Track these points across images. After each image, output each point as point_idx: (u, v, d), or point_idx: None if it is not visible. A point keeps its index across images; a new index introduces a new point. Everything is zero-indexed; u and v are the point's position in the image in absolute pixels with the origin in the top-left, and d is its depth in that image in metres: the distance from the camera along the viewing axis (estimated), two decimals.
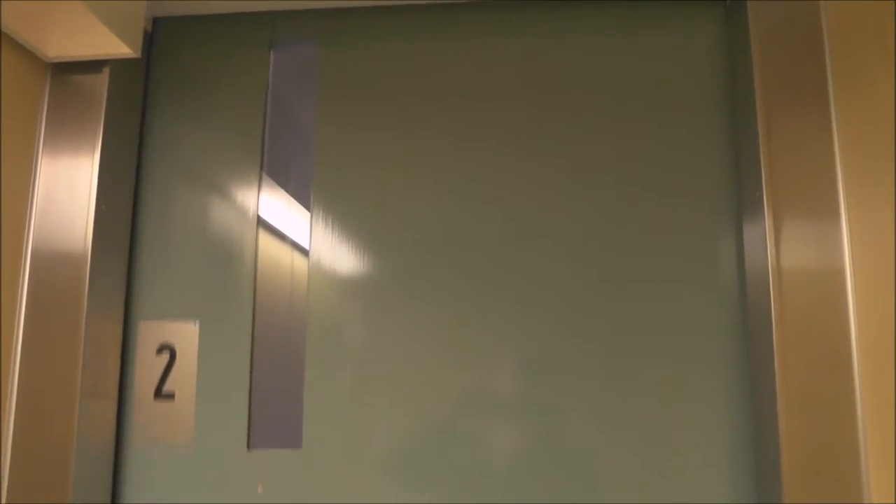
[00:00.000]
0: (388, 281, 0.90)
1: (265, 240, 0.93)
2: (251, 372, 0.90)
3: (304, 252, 0.93)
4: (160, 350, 0.92)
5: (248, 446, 0.88)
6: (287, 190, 0.95)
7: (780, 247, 0.76)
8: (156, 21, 0.98)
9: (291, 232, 0.94)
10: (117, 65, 0.89)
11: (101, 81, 0.87)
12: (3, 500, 0.79)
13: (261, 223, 0.93)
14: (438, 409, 0.86)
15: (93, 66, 0.88)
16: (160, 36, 0.98)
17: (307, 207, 0.94)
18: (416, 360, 0.88)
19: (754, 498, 0.80)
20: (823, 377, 0.72)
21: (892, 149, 0.72)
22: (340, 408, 0.87)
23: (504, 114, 0.92)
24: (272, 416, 0.90)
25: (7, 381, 0.81)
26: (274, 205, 0.95)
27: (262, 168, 0.95)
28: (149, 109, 0.97)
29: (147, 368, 0.92)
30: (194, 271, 0.93)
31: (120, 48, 0.84)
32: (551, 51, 0.93)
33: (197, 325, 0.92)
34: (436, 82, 0.94)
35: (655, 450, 0.83)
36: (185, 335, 0.92)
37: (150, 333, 0.92)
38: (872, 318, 0.70)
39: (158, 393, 0.91)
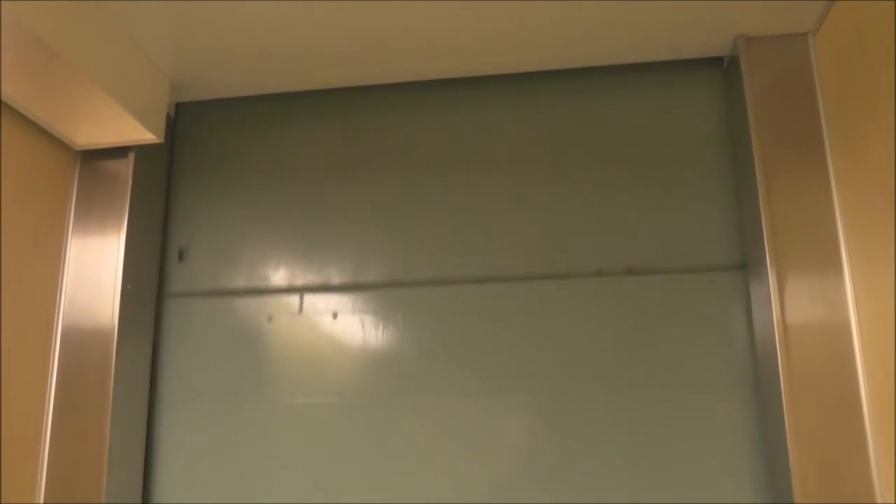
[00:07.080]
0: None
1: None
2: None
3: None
4: None
5: None
6: None
7: (784, 303, 0.76)
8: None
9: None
10: (142, 149, 0.94)
11: (127, 166, 0.92)
12: None
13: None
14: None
15: (119, 151, 0.93)
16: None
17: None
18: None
19: None
20: (834, 430, 0.72)
21: (890, 201, 0.73)
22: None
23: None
24: None
25: (34, 476, 0.84)
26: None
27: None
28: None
29: None
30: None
31: (144, 134, 0.89)
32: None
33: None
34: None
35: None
36: None
37: None
38: (880, 368, 0.70)
39: None
